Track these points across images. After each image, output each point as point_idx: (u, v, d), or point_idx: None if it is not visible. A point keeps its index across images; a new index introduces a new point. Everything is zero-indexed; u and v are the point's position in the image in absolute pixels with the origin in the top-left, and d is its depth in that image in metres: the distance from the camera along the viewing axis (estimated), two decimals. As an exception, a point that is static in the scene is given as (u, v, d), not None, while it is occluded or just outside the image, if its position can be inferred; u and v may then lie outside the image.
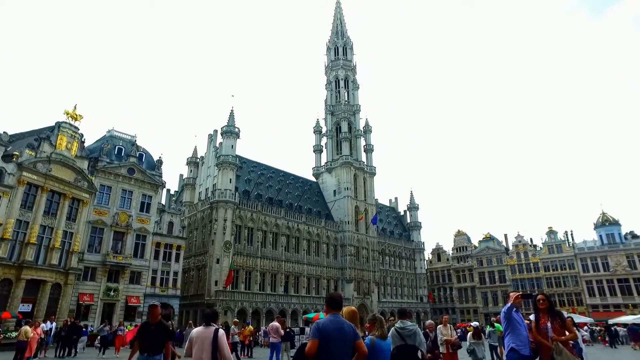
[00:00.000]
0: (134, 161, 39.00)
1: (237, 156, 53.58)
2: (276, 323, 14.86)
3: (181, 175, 63.89)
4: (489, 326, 17.09)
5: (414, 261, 75.76)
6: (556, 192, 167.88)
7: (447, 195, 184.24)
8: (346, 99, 75.56)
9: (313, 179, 72.13)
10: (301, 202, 61.99)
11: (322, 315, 27.35)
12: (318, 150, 74.57)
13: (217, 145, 55.50)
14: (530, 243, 71.36)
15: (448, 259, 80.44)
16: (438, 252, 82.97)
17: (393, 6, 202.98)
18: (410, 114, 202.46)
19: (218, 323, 5.81)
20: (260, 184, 58.26)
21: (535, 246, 70.69)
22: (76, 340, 21.39)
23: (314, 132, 76.09)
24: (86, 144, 36.85)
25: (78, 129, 33.61)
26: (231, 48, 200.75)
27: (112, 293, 34.89)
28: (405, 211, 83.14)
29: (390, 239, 72.70)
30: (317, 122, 76.33)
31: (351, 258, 60.96)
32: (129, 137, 42.50)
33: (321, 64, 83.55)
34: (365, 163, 71.86)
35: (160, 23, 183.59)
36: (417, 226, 79.21)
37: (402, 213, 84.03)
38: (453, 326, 14.42)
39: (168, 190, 55.13)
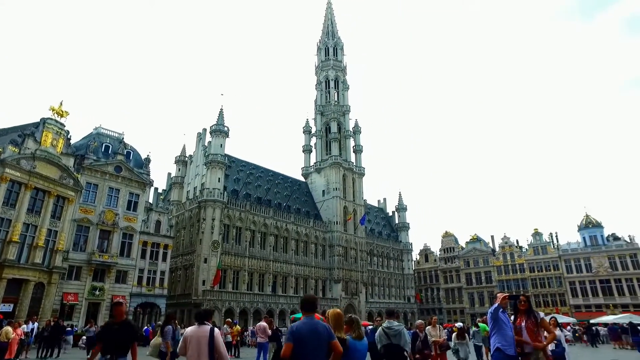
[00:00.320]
0: (122, 159, 38.52)
1: (226, 155, 53.34)
2: (264, 323, 14.83)
3: (169, 173, 63.34)
4: (474, 326, 17.29)
5: (402, 262, 76.22)
6: (542, 195, 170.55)
7: (436, 196, 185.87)
8: (336, 100, 75.68)
9: (302, 179, 72.12)
10: (290, 202, 61.93)
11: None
12: (307, 150, 74.55)
13: (206, 144, 55.16)
14: (516, 244, 72.37)
15: (435, 260, 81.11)
16: (426, 253, 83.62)
17: (383, 8, 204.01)
18: (399, 116, 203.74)
19: (211, 322, 5.76)
20: (249, 184, 58.06)
21: (521, 247, 71.72)
22: (59, 340, 21.05)
23: (304, 132, 76.08)
24: (72, 141, 36.27)
25: (64, 126, 33.07)
26: (221, 46, 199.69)
27: (98, 292, 34.42)
28: (393, 212, 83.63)
29: (378, 240, 73.06)
30: (307, 122, 76.36)
31: (339, 258, 61.10)
32: (117, 135, 41.96)
33: (311, 64, 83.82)
34: (354, 163, 72.08)
35: (150, 20, 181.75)
36: (405, 227, 79.73)
37: (391, 214, 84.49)
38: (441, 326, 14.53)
39: (156, 188, 54.47)
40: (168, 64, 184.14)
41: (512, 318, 6.48)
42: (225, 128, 52.93)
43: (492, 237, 77.97)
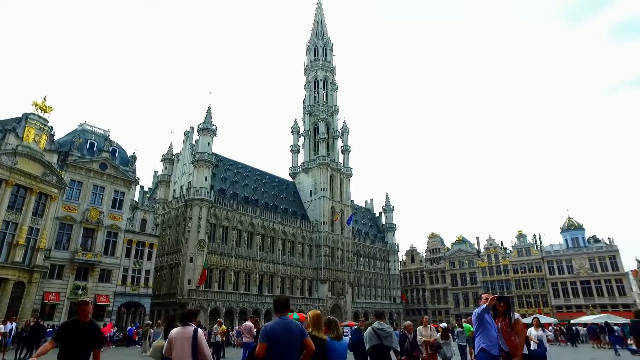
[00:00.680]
0: (107, 156, 37.94)
1: (214, 154, 52.96)
2: (249, 323, 14.76)
3: (155, 172, 62.59)
4: (458, 326, 17.48)
5: (388, 262, 76.68)
6: (526, 197, 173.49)
7: (422, 197, 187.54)
8: (325, 100, 75.76)
9: (290, 179, 71.98)
10: (277, 202, 61.77)
11: (296, 315, 27.41)
12: (295, 150, 74.44)
13: (194, 142, 54.68)
14: (500, 246, 73.36)
15: (421, 261, 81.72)
16: (412, 254, 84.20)
17: (372, 10, 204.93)
18: (387, 117, 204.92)
19: (195, 322, 5.73)
20: (236, 183, 57.74)
21: (505, 249, 72.74)
22: (39, 340, 20.61)
23: (292, 132, 75.91)
24: (56, 137, 35.66)
25: (47, 121, 32.45)
26: (210, 45, 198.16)
27: (80, 292, 33.75)
28: (380, 213, 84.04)
29: (365, 240, 73.37)
30: (295, 122, 76.20)
31: (326, 258, 61.17)
32: (102, 132, 41.30)
33: (300, 64, 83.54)
34: (342, 164, 72.22)
35: (139, 16, 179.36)
36: (392, 228, 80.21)
37: (378, 214, 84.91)
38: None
39: (142, 187, 53.81)
40: (156, 62, 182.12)
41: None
42: (213, 126, 52.56)
43: (478, 239, 78.93)
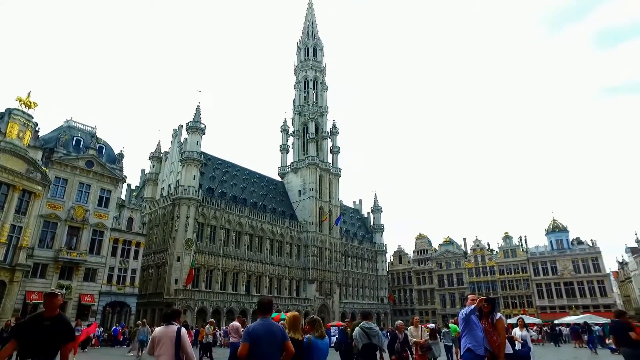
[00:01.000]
0: (93, 153, 37.37)
1: (202, 153, 52.57)
2: (237, 323, 14.68)
3: (143, 170, 61.87)
4: (444, 327, 17.67)
5: (376, 263, 76.99)
6: (513, 199, 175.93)
7: (411, 199, 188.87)
8: (314, 100, 75.76)
9: (278, 179, 71.82)
10: (266, 202, 61.57)
11: (283, 315, 27.38)
12: (284, 150, 74.32)
13: (182, 140, 54.22)
14: (487, 247, 74.24)
15: (409, 262, 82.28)
16: (399, 255, 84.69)
17: (363, 12, 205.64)
18: (376, 118, 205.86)
19: (179, 322, 5.75)
20: (224, 182, 57.40)
21: (492, 250, 73.65)
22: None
23: (281, 132, 75.77)
24: (41, 134, 35.06)
25: (32, 117, 31.86)
26: (199, 43, 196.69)
27: (64, 291, 33.18)
28: (369, 213, 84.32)
29: (353, 241, 73.56)
30: (285, 122, 76.10)
31: (314, 259, 61.17)
32: (89, 129, 40.71)
33: (291, 64, 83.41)
34: (331, 164, 72.27)
35: (128, 13, 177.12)
36: (380, 228, 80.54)
37: (366, 215, 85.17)
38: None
39: (129, 185, 53.14)
40: (145, 59, 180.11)
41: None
42: (201, 125, 52.17)
43: (465, 240, 79.82)
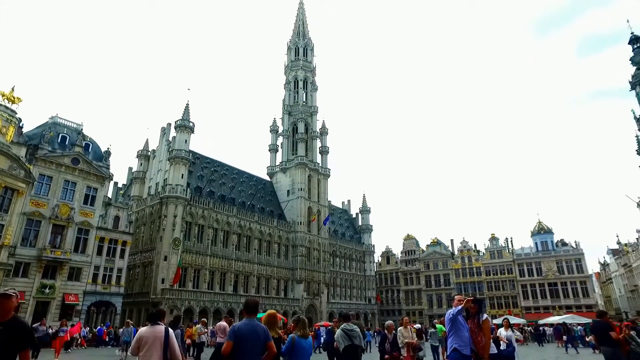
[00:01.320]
0: (80, 151, 36.80)
1: (191, 151, 52.18)
2: (224, 323, 14.64)
3: (130, 168, 61.17)
4: (431, 327, 17.82)
5: (364, 263, 77.28)
6: (500, 201, 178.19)
7: (399, 200, 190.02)
8: (304, 100, 75.67)
9: (267, 178, 71.64)
10: (254, 201, 61.35)
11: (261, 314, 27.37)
12: (274, 149, 74.15)
13: (170, 139, 53.73)
14: (474, 248, 75.00)
15: (397, 262, 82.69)
16: (387, 255, 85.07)
17: (354, 13, 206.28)
18: (365, 120, 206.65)
19: (165, 322, 5.71)
20: (213, 181, 57.03)
21: (478, 251, 74.43)
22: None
23: (271, 131, 75.59)
24: (25, 130, 34.38)
25: (15, 113, 31.26)
26: (189, 41, 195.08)
27: (48, 290, 32.66)
28: (357, 214, 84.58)
29: (341, 241, 73.72)
30: (274, 122, 75.94)
31: (302, 259, 61.13)
32: (75, 125, 40.04)
33: (281, 64, 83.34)
34: (320, 164, 72.29)
35: (116, 10, 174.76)
36: (368, 229, 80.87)
37: (354, 215, 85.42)
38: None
39: (116, 183, 52.53)
40: (134, 57, 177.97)
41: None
42: (190, 123, 51.75)
43: (452, 241, 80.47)
